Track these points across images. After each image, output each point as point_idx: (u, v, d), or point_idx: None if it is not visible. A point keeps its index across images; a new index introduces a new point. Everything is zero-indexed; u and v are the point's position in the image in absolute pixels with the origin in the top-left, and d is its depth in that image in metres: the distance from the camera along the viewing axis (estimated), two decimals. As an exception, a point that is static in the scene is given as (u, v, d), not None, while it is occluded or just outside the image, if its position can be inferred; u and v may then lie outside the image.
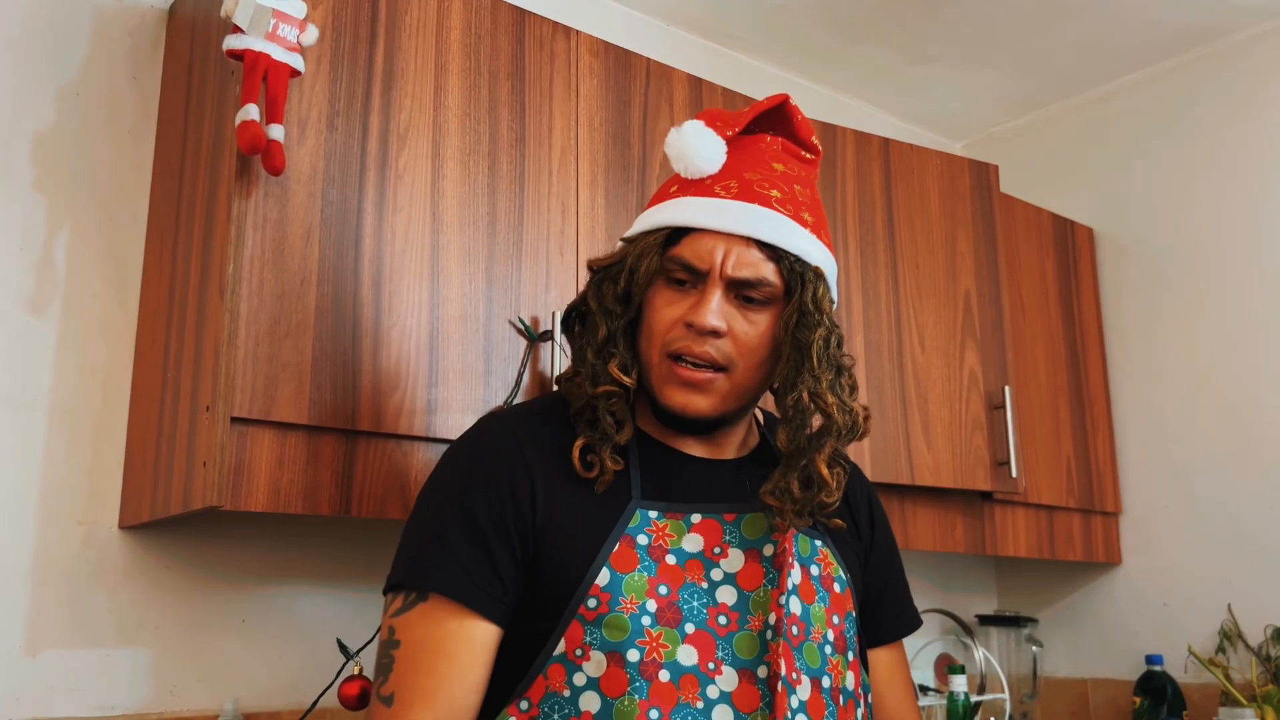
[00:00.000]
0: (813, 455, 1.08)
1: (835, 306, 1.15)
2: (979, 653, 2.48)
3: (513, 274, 1.58)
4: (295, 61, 1.36)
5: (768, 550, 1.08)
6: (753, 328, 1.10)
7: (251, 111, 1.31)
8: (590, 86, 1.74)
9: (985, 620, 2.65)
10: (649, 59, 1.84)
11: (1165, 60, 2.63)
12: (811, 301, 1.09)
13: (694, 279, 1.10)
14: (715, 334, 1.08)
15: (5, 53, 1.59)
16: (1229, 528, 2.38)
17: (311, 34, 1.38)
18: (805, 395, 1.08)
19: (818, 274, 1.11)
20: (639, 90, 1.81)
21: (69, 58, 1.65)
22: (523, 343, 1.56)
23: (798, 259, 1.10)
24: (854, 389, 1.14)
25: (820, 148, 1.21)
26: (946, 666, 2.33)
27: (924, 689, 2.37)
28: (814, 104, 2.68)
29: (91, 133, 1.64)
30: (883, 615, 1.27)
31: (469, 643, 1.02)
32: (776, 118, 1.18)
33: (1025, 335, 2.42)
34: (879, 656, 1.26)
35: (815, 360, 1.08)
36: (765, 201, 1.10)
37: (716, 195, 1.11)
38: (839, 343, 1.12)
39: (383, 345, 1.43)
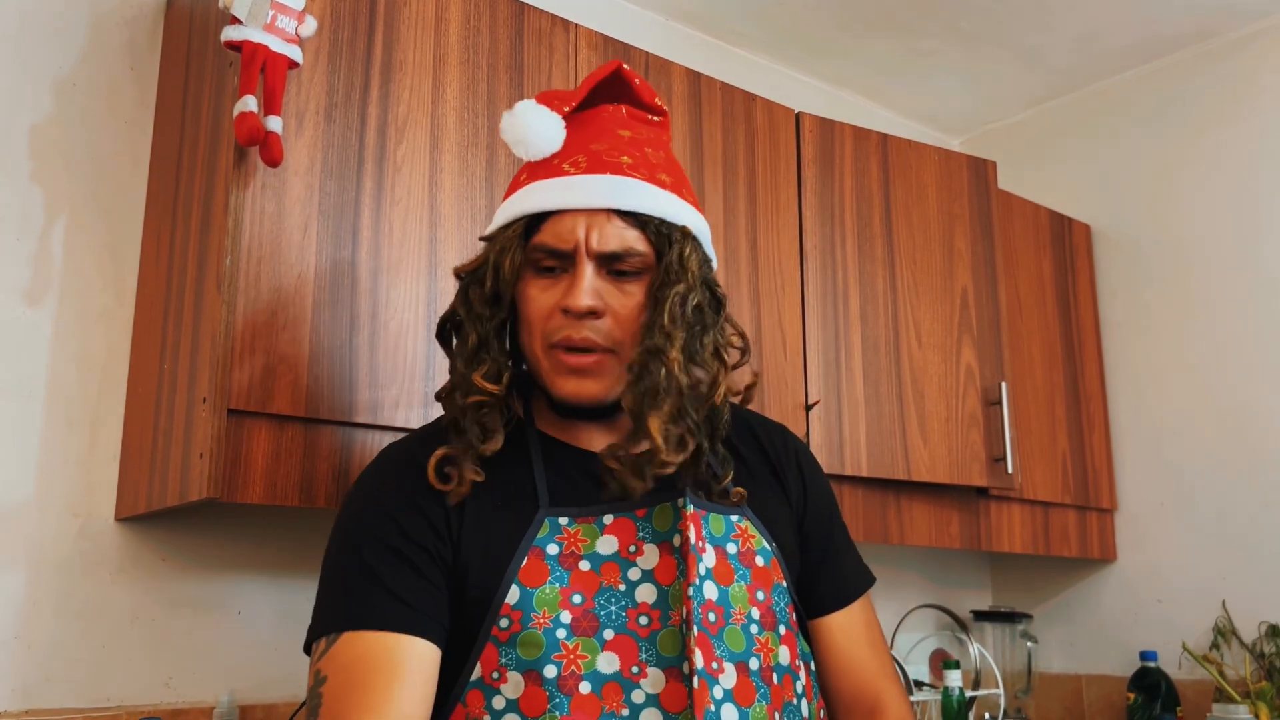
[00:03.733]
0: (646, 413, 1.01)
1: (714, 265, 1.12)
2: (974, 648, 2.49)
3: (510, 267, 1.58)
4: (293, 53, 1.36)
5: (676, 540, 1.04)
6: (629, 299, 1.06)
7: (249, 103, 1.31)
8: (589, 80, 1.74)
9: (980, 616, 2.65)
10: (648, 53, 1.84)
11: (1162, 57, 2.63)
12: (677, 261, 1.05)
13: (562, 263, 1.06)
14: (593, 314, 1.04)
15: (3, 44, 1.59)
16: (1224, 525, 2.38)
17: (310, 26, 1.38)
18: (646, 351, 1.03)
19: (685, 234, 1.07)
20: (637, 84, 1.80)
21: (67, 49, 1.64)
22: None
23: (663, 221, 1.06)
24: (746, 349, 1.11)
25: (665, 108, 1.17)
26: (941, 662, 2.34)
27: (919, 684, 2.38)
28: (812, 99, 2.68)
29: (89, 124, 1.64)
30: (827, 582, 1.21)
31: (406, 656, 0.97)
32: (615, 88, 1.15)
33: (1022, 332, 2.43)
34: (834, 622, 1.20)
35: (667, 317, 1.03)
36: (617, 169, 1.07)
37: (566, 173, 1.07)
38: (714, 306, 1.08)
39: (380, 338, 1.43)
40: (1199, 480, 2.44)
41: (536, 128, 1.09)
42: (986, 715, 2.46)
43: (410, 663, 0.98)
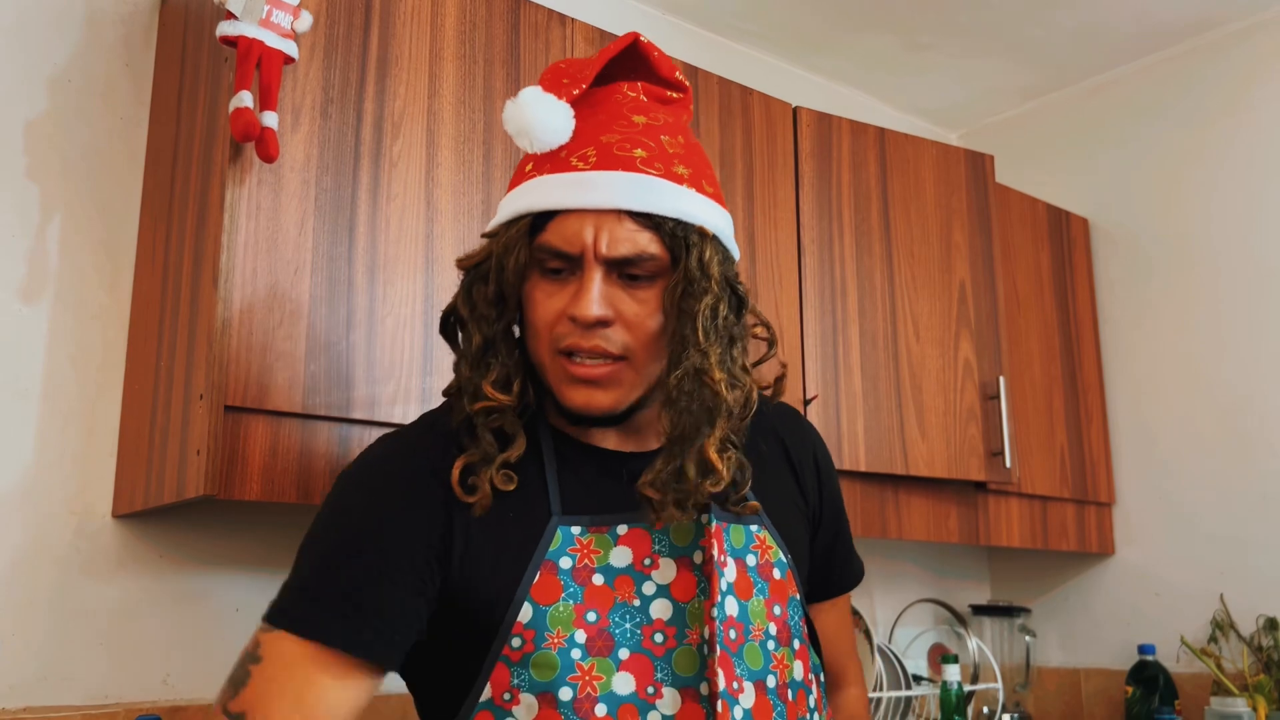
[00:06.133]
0: (700, 440, 0.96)
1: (735, 261, 1.05)
2: (972, 642, 2.49)
3: (507, 263, 1.57)
4: (289, 48, 1.35)
5: (697, 558, 1.00)
6: (643, 307, 0.99)
7: (245, 98, 1.30)
8: (585, 75, 1.74)
9: (979, 610, 2.66)
10: (644, 47, 1.84)
11: (1160, 51, 2.63)
12: (697, 267, 0.98)
13: (569, 265, 0.98)
14: (602, 323, 0.97)
15: (-4, 39, 1.59)
16: (1221, 518, 2.38)
17: (305, 20, 1.37)
18: (688, 374, 0.97)
19: (702, 235, 0.99)
20: (634, 79, 1.80)
21: (62, 45, 1.63)
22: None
23: (678, 222, 0.98)
24: (771, 345, 1.07)
25: (687, 84, 1.09)
26: (940, 656, 2.34)
27: (917, 679, 2.38)
28: (809, 94, 2.68)
29: (84, 120, 1.63)
30: (831, 572, 1.22)
31: (340, 680, 0.94)
32: (632, 61, 1.05)
33: (1020, 326, 2.43)
34: (822, 607, 1.22)
35: (701, 333, 0.97)
36: (629, 165, 0.98)
37: (574, 168, 0.99)
38: (737, 308, 1.02)
39: (377, 334, 1.43)
40: (1197, 474, 2.44)
41: (542, 119, 1.00)
42: (985, 709, 2.47)
43: (346, 688, 0.95)
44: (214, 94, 1.45)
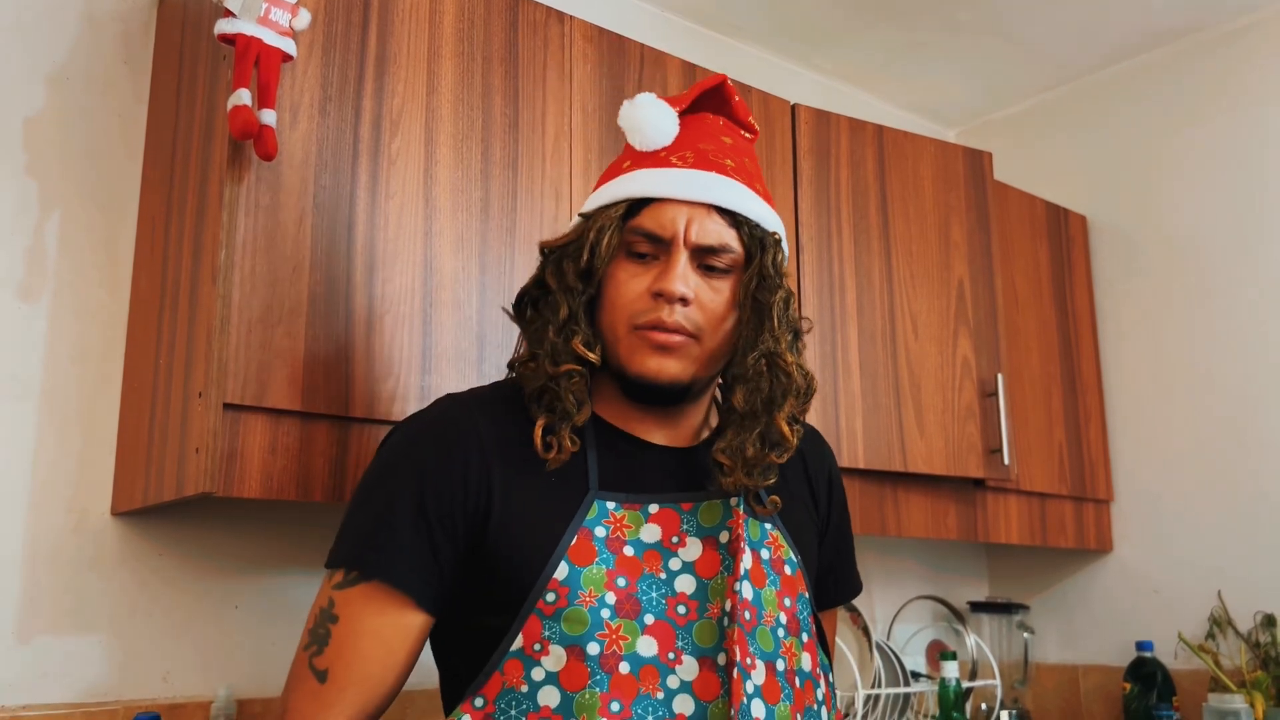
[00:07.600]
0: (773, 413, 1.09)
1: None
2: (971, 639, 2.49)
3: (506, 260, 1.58)
4: (287, 46, 1.35)
5: (723, 537, 1.08)
6: (717, 295, 1.10)
7: (243, 96, 1.30)
8: (584, 72, 1.74)
9: (977, 607, 2.66)
10: (643, 45, 1.84)
11: (1159, 48, 2.63)
12: (772, 265, 1.11)
13: (656, 249, 1.10)
14: (684, 301, 1.08)
15: (-5, 36, 1.58)
16: (1219, 515, 2.39)
17: (304, 18, 1.37)
18: (764, 355, 1.09)
19: (776, 240, 1.13)
20: (632, 76, 1.80)
21: (60, 43, 1.63)
22: (516, 329, 1.56)
23: (757, 225, 1.11)
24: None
25: (758, 129, 1.24)
26: (938, 653, 2.34)
27: (916, 675, 2.38)
28: (808, 91, 2.68)
29: (83, 118, 1.63)
30: (830, 584, 1.29)
31: (405, 630, 1.04)
32: (716, 101, 1.21)
33: (1018, 323, 2.43)
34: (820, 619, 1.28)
35: (775, 321, 1.09)
36: (721, 170, 1.12)
37: (674, 165, 1.12)
38: (795, 307, 1.14)
39: (376, 331, 1.43)
40: (1195, 471, 2.44)
41: (654, 119, 1.14)
42: (983, 706, 2.47)
43: (409, 636, 1.04)
44: (212, 91, 1.44)
